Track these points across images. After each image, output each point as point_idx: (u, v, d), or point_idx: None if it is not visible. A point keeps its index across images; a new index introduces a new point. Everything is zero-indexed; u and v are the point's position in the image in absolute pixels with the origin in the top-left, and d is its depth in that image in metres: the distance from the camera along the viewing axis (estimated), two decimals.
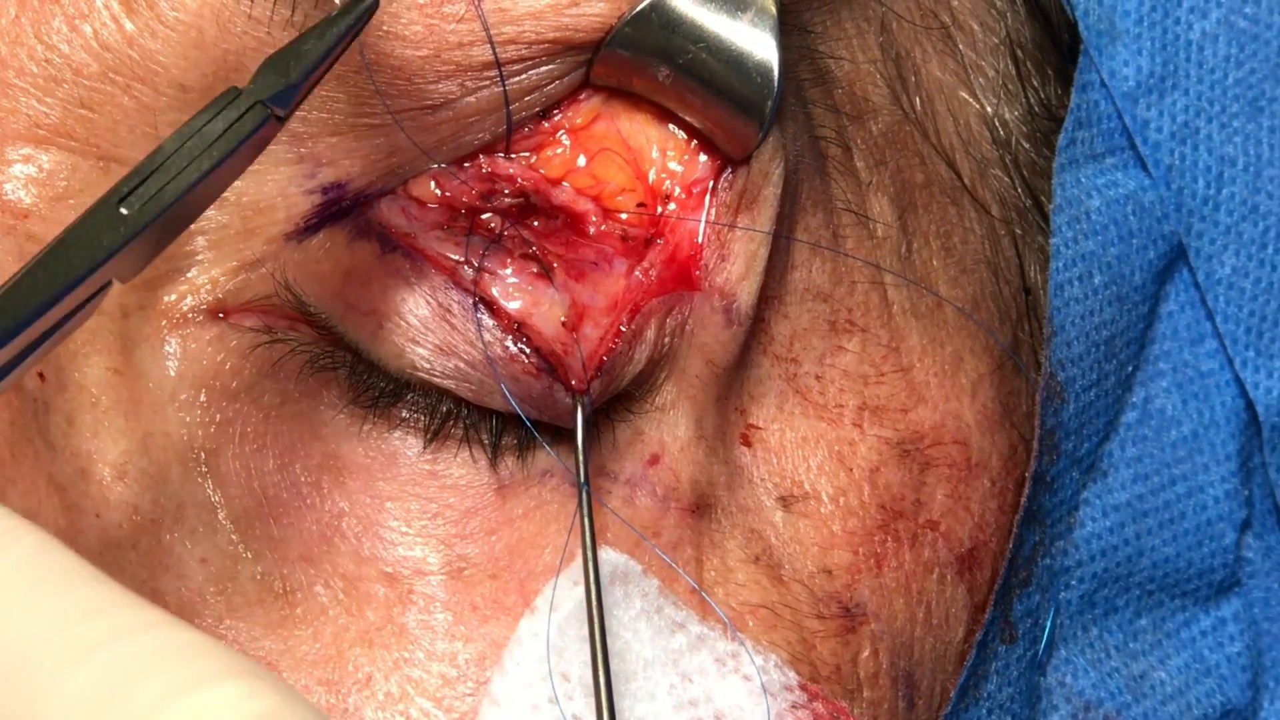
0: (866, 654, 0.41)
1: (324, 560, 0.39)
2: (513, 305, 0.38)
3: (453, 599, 0.39)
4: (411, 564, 0.39)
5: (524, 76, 0.38)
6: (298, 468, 0.39)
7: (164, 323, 0.39)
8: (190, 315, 0.39)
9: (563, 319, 0.38)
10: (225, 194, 0.38)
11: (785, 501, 0.41)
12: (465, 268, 0.38)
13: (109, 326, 0.38)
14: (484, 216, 0.39)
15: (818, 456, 0.42)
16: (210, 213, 0.38)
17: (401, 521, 0.39)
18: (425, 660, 0.38)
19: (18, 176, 0.37)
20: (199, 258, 0.38)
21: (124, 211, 0.33)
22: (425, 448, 0.39)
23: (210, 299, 0.39)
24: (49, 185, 0.37)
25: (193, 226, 0.38)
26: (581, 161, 0.39)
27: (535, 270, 0.38)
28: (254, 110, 0.34)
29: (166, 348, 0.39)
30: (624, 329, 0.39)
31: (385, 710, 0.38)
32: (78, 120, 0.37)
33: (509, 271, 0.38)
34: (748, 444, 0.41)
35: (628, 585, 0.39)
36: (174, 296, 0.39)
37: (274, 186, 0.38)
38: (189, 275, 0.39)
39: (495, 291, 0.38)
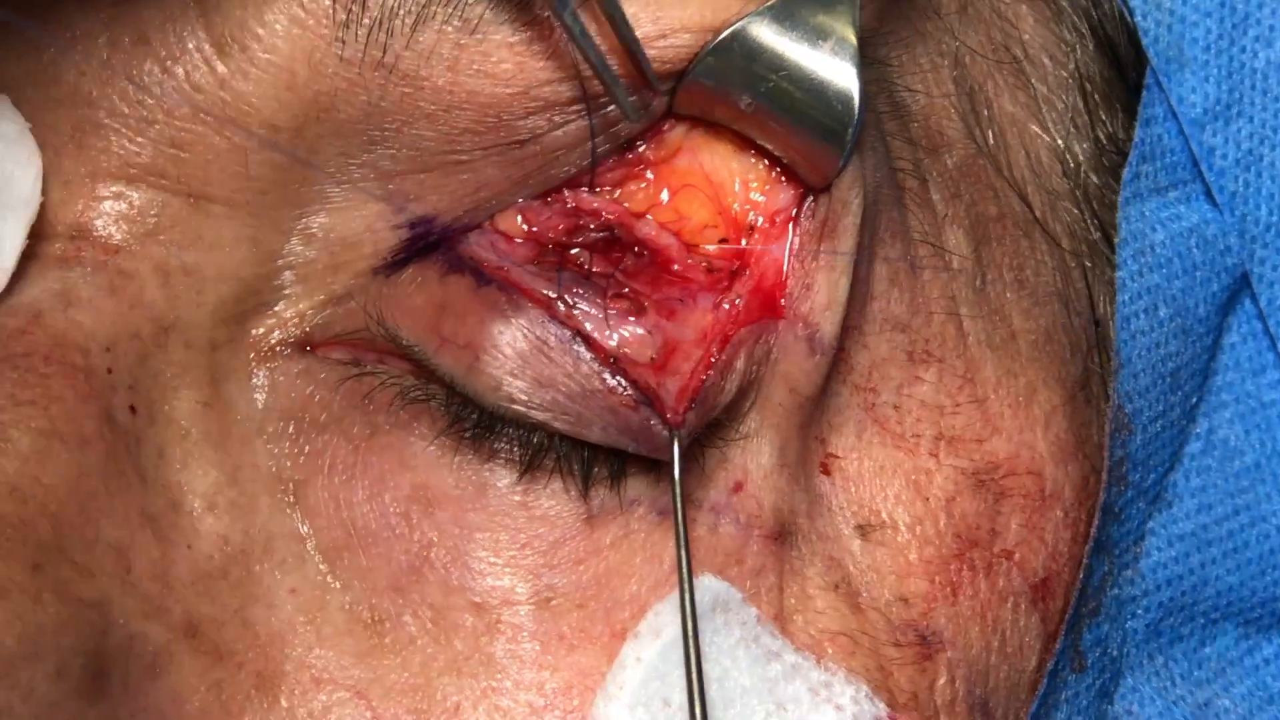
0: (943, 681, 0.42)
1: (412, 590, 0.39)
2: (608, 340, 0.38)
3: (540, 628, 0.39)
4: (500, 594, 0.39)
5: (610, 109, 0.38)
6: (386, 498, 0.39)
7: (252, 356, 0.39)
8: (278, 349, 0.39)
9: (653, 355, 0.39)
10: (313, 229, 0.38)
11: (863, 530, 0.41)
12: (559, 303, 0.38)
13: (198, 360, 0.38)
14: (572, 252, 0.39)
15: (895, 485, 0.42)
16: (297, 247, 0.38)
17: (490, 552, 0.39)
18: (513, 689, 0.38)
19: (109, 213, 0.37)
20: (286, 292, 0.39)
21: None
22: (518, 480, 0.39)
23: (298, 332, 0.39)
24: (139, 222, 0.37)
25: (279, 261, 0.38)
26: (665, 196, 0.40)
27: (626, 306, 0.39)
28: None
29: (254, 380, 0.39)
30: (715, 359, 0.39)
31: None
32: (169, 160, 0.37)
33: (601, 307, 0.39)
34: (827, 472, 0.42)
35: (728, 613, 0.39)
36: (261, 330, 0.39)
37: (361, 222, 0.38)
38: (276, 309, 0.39)
39: (589, 326, 0.38)
